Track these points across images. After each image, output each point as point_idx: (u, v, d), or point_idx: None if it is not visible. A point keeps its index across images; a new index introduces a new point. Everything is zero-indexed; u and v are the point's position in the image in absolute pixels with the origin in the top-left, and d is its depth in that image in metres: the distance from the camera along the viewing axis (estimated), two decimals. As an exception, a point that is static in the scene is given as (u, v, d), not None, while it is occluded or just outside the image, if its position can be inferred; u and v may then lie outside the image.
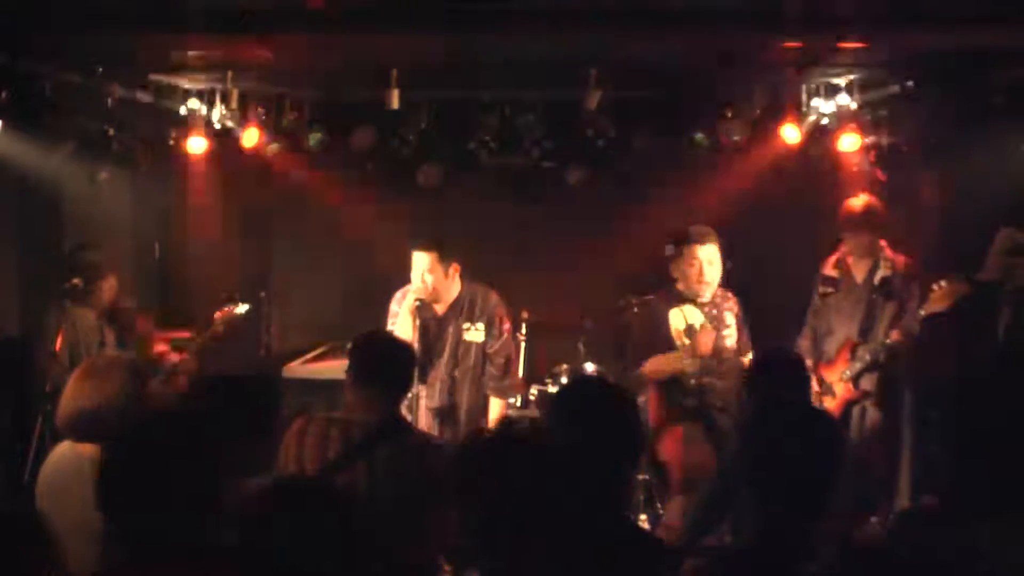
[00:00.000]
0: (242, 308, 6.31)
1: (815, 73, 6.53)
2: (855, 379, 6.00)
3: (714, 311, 5.66)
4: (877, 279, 6.11)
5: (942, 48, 5.87)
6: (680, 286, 5.63)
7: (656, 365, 5.56)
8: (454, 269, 5.58)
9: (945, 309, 5.77)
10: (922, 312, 5.81)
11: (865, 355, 5.98)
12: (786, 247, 7.13)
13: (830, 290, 6.22)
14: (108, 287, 6.08)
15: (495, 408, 5.67)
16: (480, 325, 5.60)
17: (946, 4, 5.25)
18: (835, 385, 6.00)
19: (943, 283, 5.74)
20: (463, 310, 5.61)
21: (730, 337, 5.67)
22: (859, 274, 6.20)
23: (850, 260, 6.21)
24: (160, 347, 6.21)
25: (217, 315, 6.26)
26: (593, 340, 6.93)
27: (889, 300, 6.07)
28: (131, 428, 2.49)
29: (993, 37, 5.55)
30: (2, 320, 6.65)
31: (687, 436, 5.47)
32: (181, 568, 2.31)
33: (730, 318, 5.70)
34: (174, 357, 6.12)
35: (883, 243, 6.13)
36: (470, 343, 5.60)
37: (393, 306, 5.65)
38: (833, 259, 6.29)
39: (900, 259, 6.13)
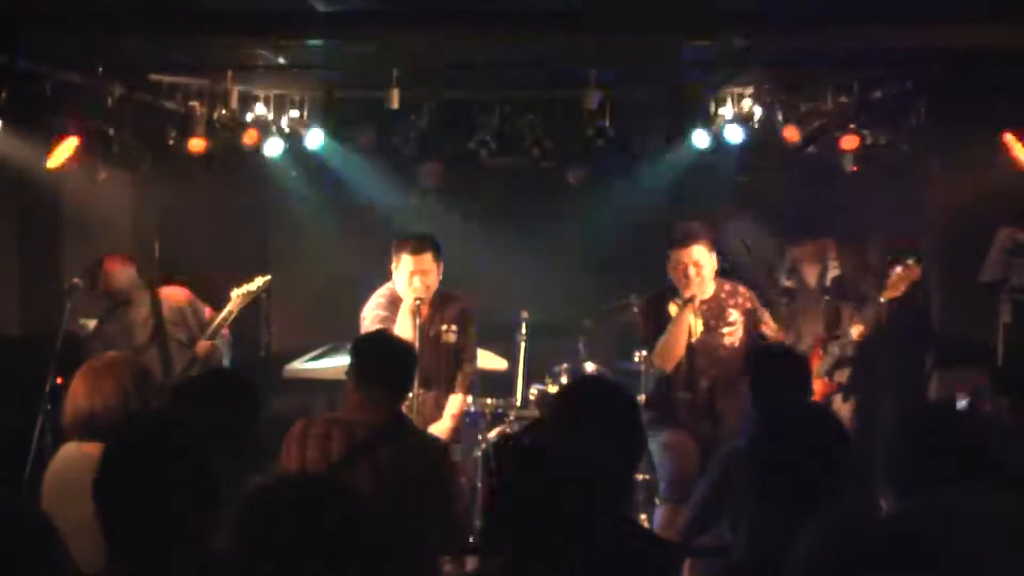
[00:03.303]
0: (258, 282, 6.24)
1: (814, 73, 6.54)
2: (829, 373, 6.15)
3: (714, 307, 5.63)
4: (828, 280, 6.39)
5: (942, 48, 5.88)
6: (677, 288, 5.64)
7: (663, 341, 5.54)
8: (441, 267, 5.60)
9: (901, 294, 5.85)
10: (881, 299, 5.89)
11: (835, 349, 6.20)
12: (784, 248, 7.13)
13: (787, 300, 6.48)
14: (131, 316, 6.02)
15: (456, 402, 5.62)
16: (455, 327, 5.63)
17: (947, 4, 5.26)
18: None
19: (898, 269, 5.81)
20: (438, 312, 5.64)
21: (731, 336, 5.63)
22: (811, 278, 6.54)
23: (801, 267, 6.42)
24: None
25: (233, 291, 6.22)
26: (593, 340, 6.93)
27: (844, 297, 6.31)
28: (129, 427, 2.48)
29: (993, 37, 5.56)
30: (2, 320, 6.65)
31: (675, 444, 5.47)
32: (180, 568, 2.31)
33: (735, 315, 5.63)
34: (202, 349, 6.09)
35: (831, 244, 6.30)
36: (448, 343, 5.63)
37: (377, 311, 5.62)
38: (785, 268, 6.54)
39: (847, 258, 6.31)
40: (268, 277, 6.28)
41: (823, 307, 6.37)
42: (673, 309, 5.54)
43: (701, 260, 5.47)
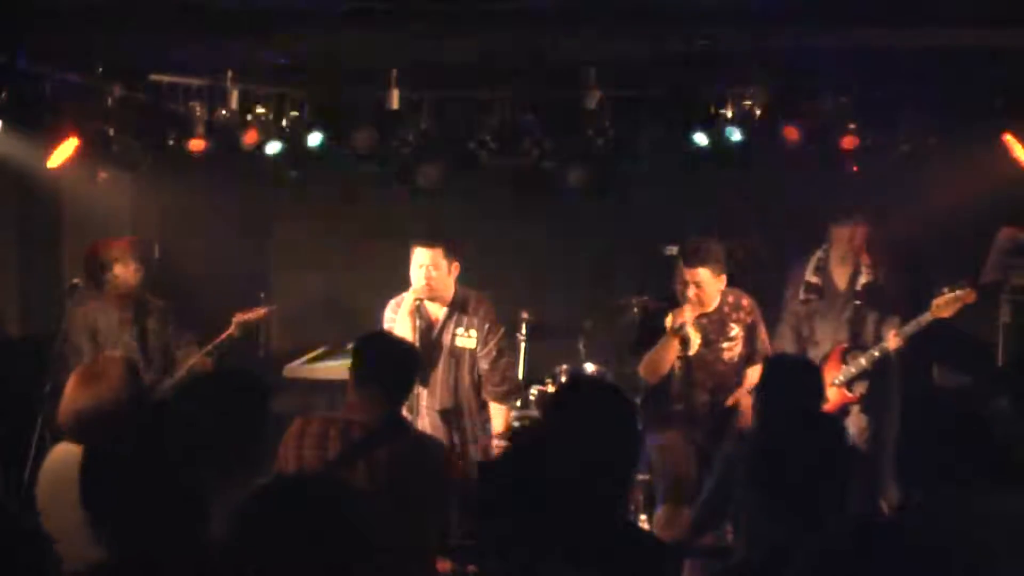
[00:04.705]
0: (260, 311, 6.34)
1: (815, 73, 6.53)
2: (849, 384, 6.01)
3: (716, 321, 5.63)
4: (860, 285, 6.19)
5: (942, 48, 5.87)
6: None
7: (649, 356, 5.56)
8: (455, 267, 5.55)
9: (951, 315, 5.79)
10: (929, 316, 5.82)
11: (860, 360, 6.00)
12: (786, 248, 7.12)
13: (813, 297, 6.27)
14: (118, 279, 6.04)
15: (499, 414, 5.61)
16: (472, 332, 5.56)
17: (946, 4, 5.26)
18: (827, 391, 5.98)
19: (946, 290, 5.76)
20: (456, 313, 5.58)
21: (731, 350, 5.65)
22: (841, 280, 6.29)
23: (834, 266, 6.26)
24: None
25: (236, 317, 6.29)
26: (593, 340, 6.92)
27: (874, 306, 6.13)
28: (120, 429, 2.49)
29: (993, 37, 5.55)
30: (2, 320, 6.65)
31: (670, 446, 5.48)
32: (170, 567, 2.31)
33: (735, 330, 5.66)
34: (186, 362, 6.14)
35: (863, 248, 6.21)
36: (463, 349, 5.57)
37: (388, 312, 5.62)
38: (812, 265, 6.34)
39: (878, 260, 6.21)
40: (273, 307, 6.39)
41: (849, 315, 6.19)
42: (669, 320, 5.55)
43: (704, 282, 5.54)
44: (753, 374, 5.55)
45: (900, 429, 3.07)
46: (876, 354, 5.95)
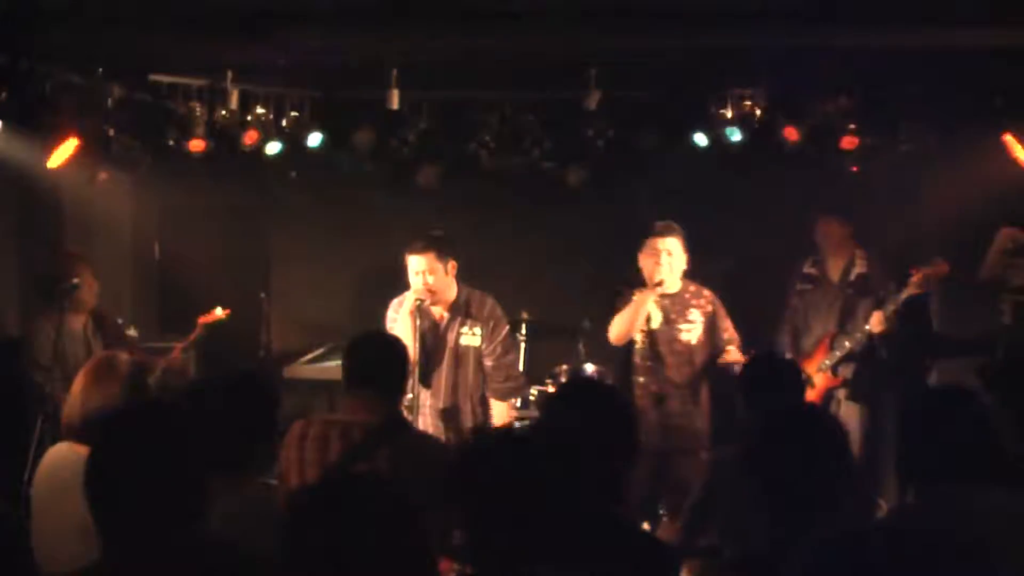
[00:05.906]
0: (220, 312, 6.48)
1: (815, 73, 6.53)
2: (834, 368, 6.20)
3: (677, 303, 5.89)
4: (853, 275, 6.47)
5: (942, 48, 5.87)
6: (645, 277, 5.91)
7: (621, 315, 5.88)
8: (452, 267, 5.55)
9: (927, 290, 6.08)
10: (905, 292, 6.04)
11: (844, 343, 6.22)
12: (785, 247, 7.12)
13: (808, 287, 6.55)
14: (88, 292, 6.06)
15: (498, 410, 5.63)
16: (477, 330, 5.57)
17: (946, 4, 5.26)
18: (814, 377, 6.18)
19: (921, 267, 6.01)
20: (460, 314, 5.59)
21: (688, 332, 5.88)
22: (835, 273, 6.55)
23: (827, 259, 6.50)
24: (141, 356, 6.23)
25: (200, 320, 6.40)
26: (593, 340, 6.93)
27: (865, 295, 6.36)
28: (122, 427, 2.49)
29: (993, 37, 5.55)
30: (2, 320, 6.65)
31: None
32: (168, 567, 2.31)
33: (695, 315, 5.92)
34: (159, 362, 6.18)
35: (855, 243, 6.39)
36: (467, 347, 5.57)
37: (391, 313, 5.63)
38: (810, 259, 6.64)
39: (874, 258, 6.44)
40: (228, 311, 6.61)
41: (840, 303, 6.39)
42: (638, 294, 5.89)
43: (674, 251, 5.87)
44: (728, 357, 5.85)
45: (897, 426, 3.06)
46: (860, 336, 6.13)
